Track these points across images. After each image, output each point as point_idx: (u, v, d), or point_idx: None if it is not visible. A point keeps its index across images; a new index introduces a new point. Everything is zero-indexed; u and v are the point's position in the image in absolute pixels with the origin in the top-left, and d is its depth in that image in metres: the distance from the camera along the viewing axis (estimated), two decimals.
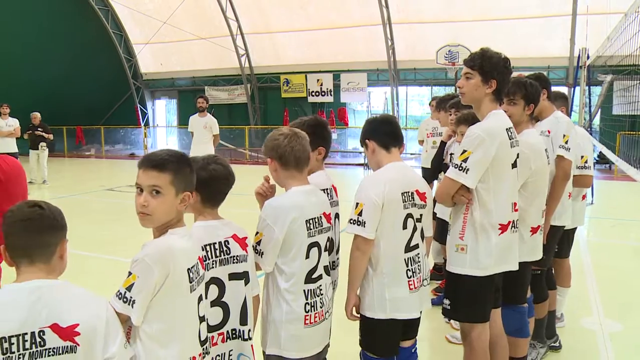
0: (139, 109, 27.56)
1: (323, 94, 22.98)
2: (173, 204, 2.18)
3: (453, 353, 4.62)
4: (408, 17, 20.33)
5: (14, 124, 13.51)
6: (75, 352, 1.86)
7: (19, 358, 1.80)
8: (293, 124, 3.23)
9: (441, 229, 5.11)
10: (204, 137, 11.04)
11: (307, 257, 2.79)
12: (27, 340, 1.81)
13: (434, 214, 5.26)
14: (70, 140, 25.52)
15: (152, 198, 2.14)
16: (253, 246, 2.74)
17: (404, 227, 3.07)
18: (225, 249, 2.55)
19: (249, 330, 2.63)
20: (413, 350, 3.32)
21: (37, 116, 15.11)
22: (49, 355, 1.83)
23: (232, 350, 2.60)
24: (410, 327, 3.23)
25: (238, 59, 23.98)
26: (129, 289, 2.03)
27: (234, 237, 2.60)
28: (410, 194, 3.08)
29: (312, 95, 23.25)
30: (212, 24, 23.49)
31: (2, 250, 1.95)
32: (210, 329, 2.44)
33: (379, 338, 3.15)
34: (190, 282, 2.16)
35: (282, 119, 23.34)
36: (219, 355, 2.52)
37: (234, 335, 2.60)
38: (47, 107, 22.66)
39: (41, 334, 1.82)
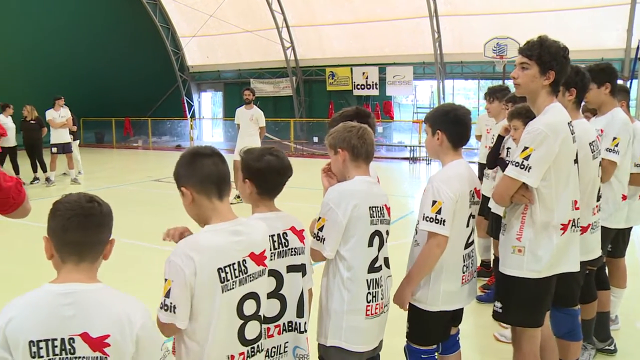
0: (185, 101, 27.89)
1: (368, 87, 22.80)
2: (183, 202, 2.23)
3: (502, 351, 4.52)
4: (455, 9, 19.99)
5: (66, 114, 13.76)
6: None
7: None
8: (336, 115, 3.31)
9: (496, 224, 4.99)
10: (250, 129, 11.10)
11: (370, 245, 2.81)
12: (56, 346, 1.76)
13: (488, 208, 5.16)
14: (118, 131, 25.96)
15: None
16: (315, 233, 2.75)
17: (467, 224, 3.10)
18: (283, 241, 2.55)
19: (305, 323, 2.63)
20: (457, 339, 3.41)
21: None
22: None
23: (287, 342, 2.60)
24: (456, 316, 3.29)
25: (283, 51, 24.01)
26: (167, 295, 2.04)
27: (292, 229, 2.60)
28: (472, 193, 3.11)
29: (358, 89, 23.10)
30: (258, 16, 23.55)
31: (46, 241, 1.88)
32: (267, 320, 2.43)
33: (430, 329, 3.17)
34: (223, 282, 2.10)
35: (327, 112, 23.28)
36: (274, 348, 2.52)
37: (290, 328, 2.60)
38: (96, 99, 23.28)
39: (71, 341, 1.77)
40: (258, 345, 2.27)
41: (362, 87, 22.96)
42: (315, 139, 22.98)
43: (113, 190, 12.65)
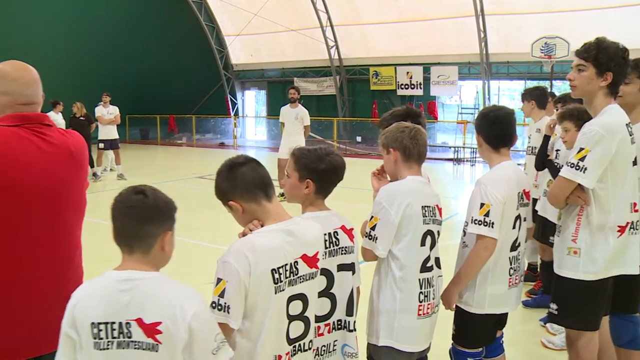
0: (229, 99, 28.17)
1: (412, 86, 22.63)
2: (234, 216, 2.27)
3: (549, 358, 4.43)
4: (502, 8, 19.63)
5: (114, 111, 14.05)
6: (157, 351, 1.84)
7: (107, 344, 1.83)
8: (386, 115, 3.33)
9: (542, 228, 4.90)
10: (295, 127, 11.12)
11: (422, 244, 2.81)
12: (115, 329, 1.84)
13: (535, 211, 5.07)
14: (163, 128, 26.38)
15: None
16: (367, 232, 2.77)
17: (514, 226, 3.09)
18: (334, 239, 2.56)
19: (354, 322, 2.64)
20: (501, 342, 3.43)
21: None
22: (134, 348, 1.84)
23: (336, 340, 2.61)
24: (501, 319, 3.30)
25: (327, 50, 24.02)
26: (221, 295, 2.05)
27: (342, 228, 2.61)
28: (521, 194, 3.10)
29: (401, 88, 22.94)
30: (302, 15, 23.61)
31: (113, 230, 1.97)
32: (317, 319, 2.44)
33: (476, 332, 3.18)
34: (276, 283, 2.11)
35: (371, 111, 23.21)
36: (324, 346, 2.53)
37: (340, 326, 2.61)
38: (141, 96, 23.72)
39: (127, 325, 1.84)
40: (301, 345, 2.27)
41: (406, 86, 22.80)
42: (359, 139, 22.96)
43: (158, 186, 12.52)
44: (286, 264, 2.15)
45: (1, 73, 2.37)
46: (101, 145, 13.92)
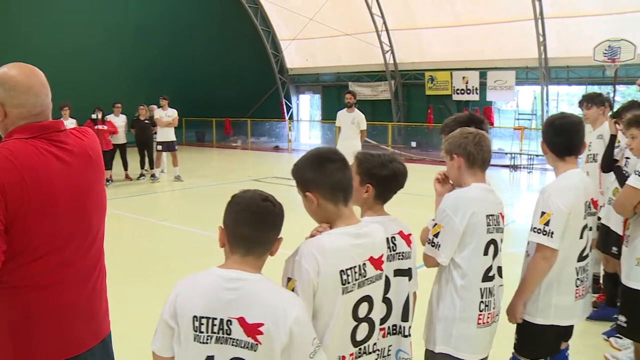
0: (284, 103, 28.41)
1: (468, 91, 22.33)
2: (305, 205, 2.25)
3: None
4: (562, 11, 19.15)
5: (172, 114, 14.34)
6: (255, 350, 1.89)
7: (207, 339, 1.90)
8: (449, 121, 3.26)
9: (605, 237, 4.75)
10: (351, 132, 11.11)
11: (485, 253, 2.77)
12: (215, 325, 1.90)
13: (597, 219, 4.93)
14: (218, 131, 26.79)
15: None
16: (429, 238, 2.77)
17: (581, 236, 3.01)
18: (392, 244, 2.54)
19: (409, 327, 2.62)
20: (567, 354, 3.34)
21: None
22: (232, 345, 1.90)
23: (391, 345, 2.60)
24: (567, 331, 3.23)
25: (383, 55, 23.95)
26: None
27: (400, 234, 2.59)
28: (588, 203, 3.02)
29: (457, 93, 22.68)
30: (358, 20, 23.64)
31: (220, 231, 2.02)
32: None
33: (539, 343, 3.12)
34: (344, 285, 2.12)
35: (426, 116, 23.05)
36: (378, 351, 2.48)
37: (394, 331, 2.60)
38: (197, 99, 24.18)
39: (229, 323, 1.90)
40: (365, 347, 2.28)
41: (462, 91, 22.52)
42: (413, 144, 22.77)
43: (214, 188, 13.07)
44: (355, 266, 2.17)
45: (12, 82, 2.17)
46: (159, 147, 14.25)
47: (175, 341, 1.94)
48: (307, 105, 29.99)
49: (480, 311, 2.77)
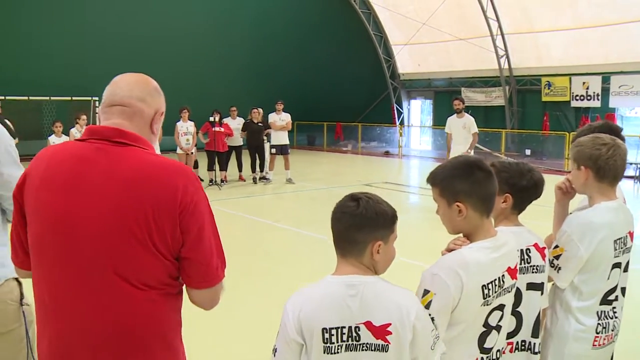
0: (395, 108, 28.35)
1: (589, 97, 21.20)
2: (449, 215, 2.18)
3: None
4: None
5: (286, 118, 14.85)
6: (386, 351, 1.92)
7: (337, 349, 1.91)
8: (585, 129, 3.05)
9: None
10: (462, 137, 11.17)
11: (608, 278, 2.63)
12: (344, 334, 1.91)
13: None
14: (329, 135, 27.14)
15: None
16: (550, 259, 2.62)
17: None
18: (526, 257, 2.47)
19: (539, 344, 2.53)
20: None
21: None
22: (363, 350, 1.92)
23: None
24: None
25: (497, 60, 23.34)
26: (427, 306, 2.05)
27: (535, 246, 2.52)
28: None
29: (576, 100, 21.60)
30: (472, 24, 23.17)
31: None
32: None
33: None
34: (485, 298, 2.11)
35: (542, 123, 22.21)
36: None
37: (523, 347, 2.51)
38: (309, 103, 24.67)
39: (357, 329, 1.91)
40: (490, 355, 2.24)
41: (582, 98, 21.42)
42: (528, 152, 21.99)
43: (326, 191, 13.31)
44: (495, 279, 2.14)
45: (154, 85, 2.04)
46: (273, 150, 14.74)
47: (302, 356, 1.94)
48: (418, 111, 29.74)
49: (597, 333, 2.62)
